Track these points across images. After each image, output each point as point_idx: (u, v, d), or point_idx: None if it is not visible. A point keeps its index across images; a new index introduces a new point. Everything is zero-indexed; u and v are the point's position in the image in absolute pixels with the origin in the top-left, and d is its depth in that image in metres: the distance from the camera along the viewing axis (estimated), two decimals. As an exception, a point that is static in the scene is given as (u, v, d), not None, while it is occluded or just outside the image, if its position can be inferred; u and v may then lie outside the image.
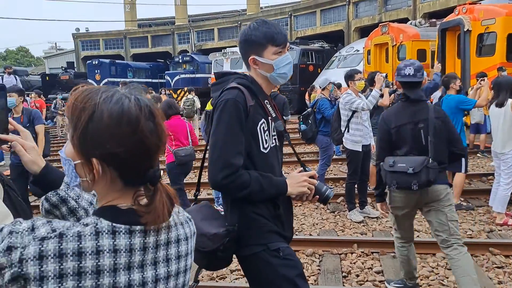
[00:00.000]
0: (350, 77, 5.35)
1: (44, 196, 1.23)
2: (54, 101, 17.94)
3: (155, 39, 37.47)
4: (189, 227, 1.13)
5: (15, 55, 71.25)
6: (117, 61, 29.20)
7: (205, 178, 2.04)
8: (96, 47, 38.68)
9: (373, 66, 14.66)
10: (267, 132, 1.94)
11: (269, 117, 1.97)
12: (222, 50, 23.68)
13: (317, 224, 5.46)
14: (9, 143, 1.23)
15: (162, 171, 1.03)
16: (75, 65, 36.04)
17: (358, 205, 5.70)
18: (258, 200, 1.88)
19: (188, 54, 28.82)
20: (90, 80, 26.40)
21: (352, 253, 4.46)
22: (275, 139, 2.02)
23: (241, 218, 1.90)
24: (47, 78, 27.36)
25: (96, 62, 27.34)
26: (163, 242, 1.02)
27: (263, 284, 1.91)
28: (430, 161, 3.02)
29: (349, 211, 5.61)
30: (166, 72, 27.73)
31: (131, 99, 0.98)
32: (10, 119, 1.25)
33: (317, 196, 1.99)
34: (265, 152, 1.93)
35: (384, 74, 5.64)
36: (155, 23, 42.61)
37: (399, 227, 3.45)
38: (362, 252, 4.47)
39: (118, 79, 26.08)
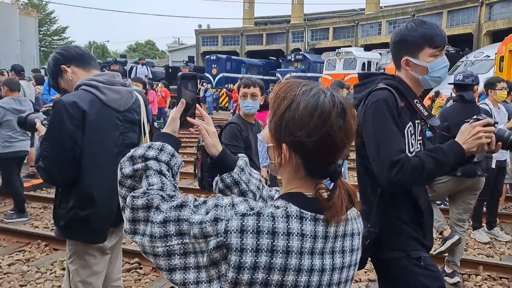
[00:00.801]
0: (491, 85, 4.86)
1: (219, 177, 1.34)
2: None
3: (270, 37, 38.39)
4: (360, 222, 1.15)
5: (143, 47, 78.71)
6: (232, 57, 30.56)
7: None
8: (214, 43, 40.92)
9: (505, 73, 13.24)
10: (413, 136, 1.88)
11: (416, 120, 1.91)
12: (336, 50, 23.38)
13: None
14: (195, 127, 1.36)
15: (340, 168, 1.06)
16: (195, 59, 38.52)
17: (485, 224, 5.23)
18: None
19: (300, 52, 29.04)
20: (207, 74, 28.02)
21: (476, 275, 4.12)
22: (420, 143, 1.95)
23: (383, 221, 1.87)
24: (170, 70, 29.56)
25: (214, 57, 28.90)
26: (340, 233, 1.06)
27: None
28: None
29: (473, 230, 5.17)
30: (277, 69, 28.29)
31: (327, 95, 1.04)
32: (197, 105, 1.37)
33: (500, 143, 1.79)
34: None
35: None
36: (271, 21, 43.64)
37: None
38: (488, 275, 4.10)
39: (232, 75, 27.33)
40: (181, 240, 1.00)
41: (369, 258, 1.96)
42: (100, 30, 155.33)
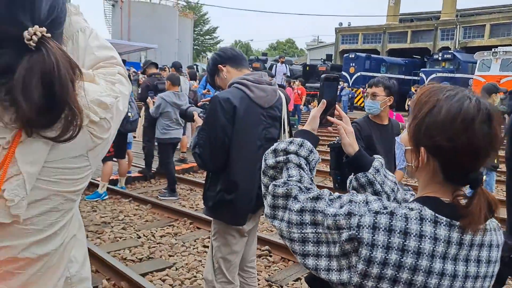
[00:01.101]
0: None
1: (354, 176, 1.39)
2: None
3: (415, 35, 36.06)
4: (501, 235, 1.11)
5: (283, 45, 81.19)
6: (372, 55, 29.53)
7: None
8: (354, 41, 40.04)
9: None
10: None
11: None
12: (492, 49, 20.94)
13: None
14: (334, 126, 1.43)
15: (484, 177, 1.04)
16: (333, 58, 38.25)
17: None
18: None
19: (449, 51, 26.68)
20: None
21: None
22: None
23: None
24: (307, 68, 29.89)
25: (353, 56, 28.28)
26: (477, 243, 1.04)
27: None
28: None
29: None
30: (421, 69, 26.47)
31: (472, 100, 1.02)
32: (337, 105, 1.45)
33: None
34: None
35: None
36: (418, 18, 40.93)
37: None
38: None
39: (371, 74, 26.44)
40: (315, 229, 1.09)
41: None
42: (245, 30, 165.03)
